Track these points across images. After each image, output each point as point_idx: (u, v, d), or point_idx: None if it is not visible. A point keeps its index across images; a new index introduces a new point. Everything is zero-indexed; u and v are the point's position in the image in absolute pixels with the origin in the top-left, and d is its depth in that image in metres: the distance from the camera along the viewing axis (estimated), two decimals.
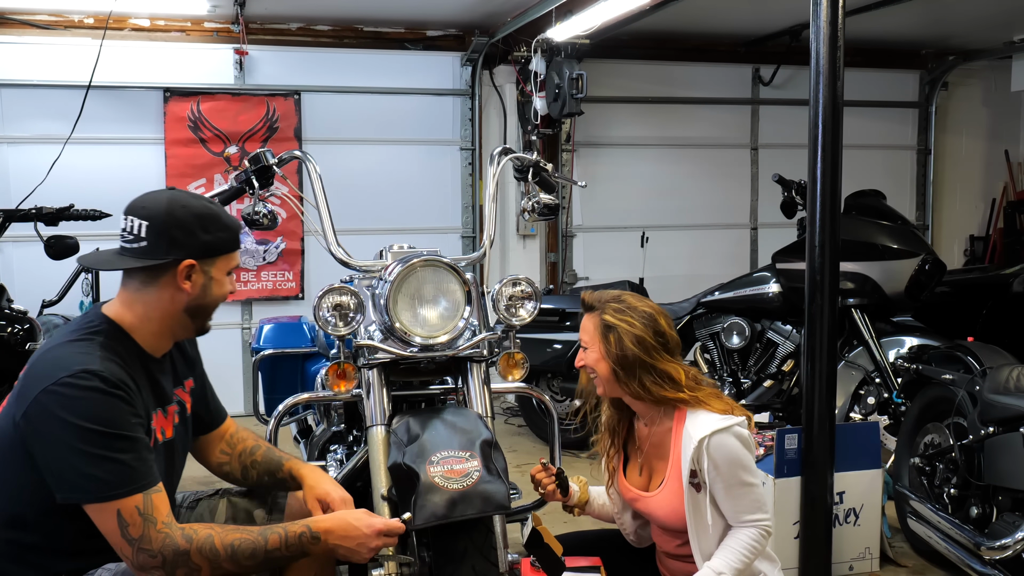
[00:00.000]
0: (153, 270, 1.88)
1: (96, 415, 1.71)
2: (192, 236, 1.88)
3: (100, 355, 1.78)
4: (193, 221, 1.88)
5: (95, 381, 1.72)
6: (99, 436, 1.70)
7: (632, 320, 2.25)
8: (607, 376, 2.29)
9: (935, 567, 3.33)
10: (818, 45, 2.85)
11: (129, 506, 1.72)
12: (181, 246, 1.87)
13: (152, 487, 1.76)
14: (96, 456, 1.70)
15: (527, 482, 2.50)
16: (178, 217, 1.87)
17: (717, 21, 6.34)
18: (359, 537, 1.86)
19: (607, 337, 2.25)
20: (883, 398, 4.19)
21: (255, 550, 1.79)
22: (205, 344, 2.18)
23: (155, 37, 5.84)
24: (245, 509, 2.17)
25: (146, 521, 1.73)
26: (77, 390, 1.70)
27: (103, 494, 1.71)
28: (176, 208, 1.88)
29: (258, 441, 2.26)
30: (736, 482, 2.20)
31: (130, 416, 1.76)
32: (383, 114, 6.24)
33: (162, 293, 1.89)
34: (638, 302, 2.31)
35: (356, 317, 2.30)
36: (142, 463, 1.75)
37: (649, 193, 6.88)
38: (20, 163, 5.54)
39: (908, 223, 4.56)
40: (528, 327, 2.53)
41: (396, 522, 1.91)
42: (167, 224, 1.86)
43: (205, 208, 1.92)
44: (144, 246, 1.87)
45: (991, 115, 7.81)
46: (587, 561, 2.45)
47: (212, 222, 1.91)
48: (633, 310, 2.27)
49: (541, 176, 2.85)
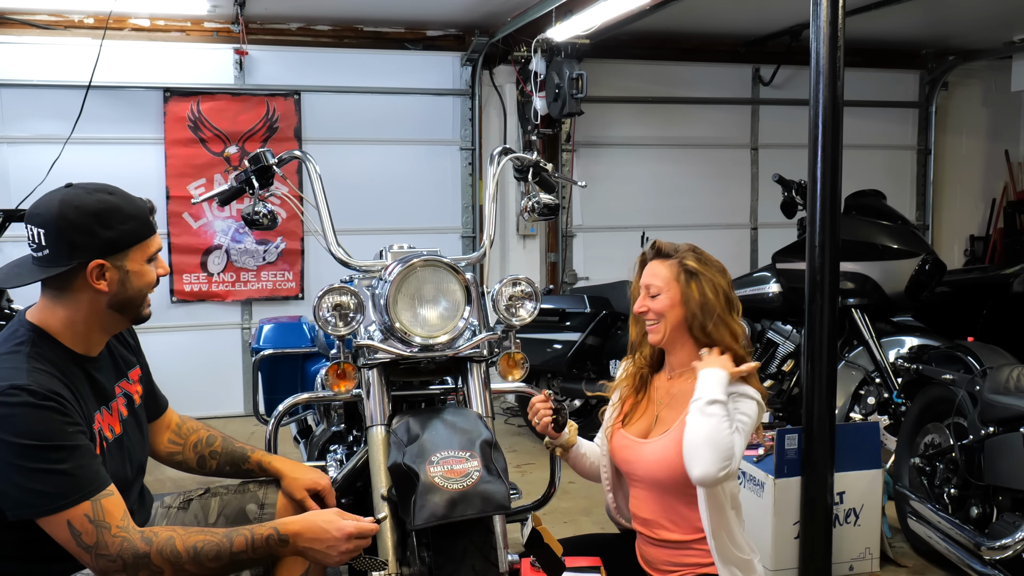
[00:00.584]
0: (63, 277, 1.81)
1: (28, 430, 1.67)
2: (92, 236, 1.79)
3: (27, 368, 1.73)
4: (89, 220, 1.78)
5: (23, 396, 1.68)
6: (35, 450, 1.67)
7: (713, 271, 2.33)
8: (678, 322, 2.32)
9: (935, 567, 3.33)
10: (818, 45, 2.85)
11: (78, 515, 1.69)
12: (83, 248, 1.79)
13: (99, 492, 1.72)
14: (35, 470, 1.67)
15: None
16: (71, 219, 1.78)
17: (717, 21, 6.34)
18: (329, 540, 1.83)
19: (689, 283, 2.31)
20: (883, 398, 4.19)
21: (219, 552, 1.76)
22: (205, 344, 2.18)
23: (155, 37, 5.84)
24: (237, 506, 2.16)
25: (99, 527, 1.70)
26: (6, 407, 1.67)
27: (48, 506, 1.68)
28: (68, 210, 1.78)
29: (212, 431, 2.26)
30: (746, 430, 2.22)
31: (65, 426, 1.72)
32: (383, 114, 6.24)
33: (80, 296, 1.83)
34: (709, 256, 2.39)
35: (356, 317, 2.30)
36: (84, 470, 1.72)
37: (649, 193, 6.89)
38: (20, 163, 5.54)
39: (908, 223, 4.56)
40: (528, 327, 2.53)
41: (368, 523, 1.89)
42: (61, 229, 1.77)
43: (101, 203, 1.81)
44: (48, 254, 1.80)
45: (991, 115, 7.81)
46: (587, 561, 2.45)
47: (111, 216, 1.81)
48: (711, 263, 2.36)
49: (541, 176, 2.85)
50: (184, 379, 5.48)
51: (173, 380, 2.28)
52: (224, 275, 5.98)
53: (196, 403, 5.74)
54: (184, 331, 5.78)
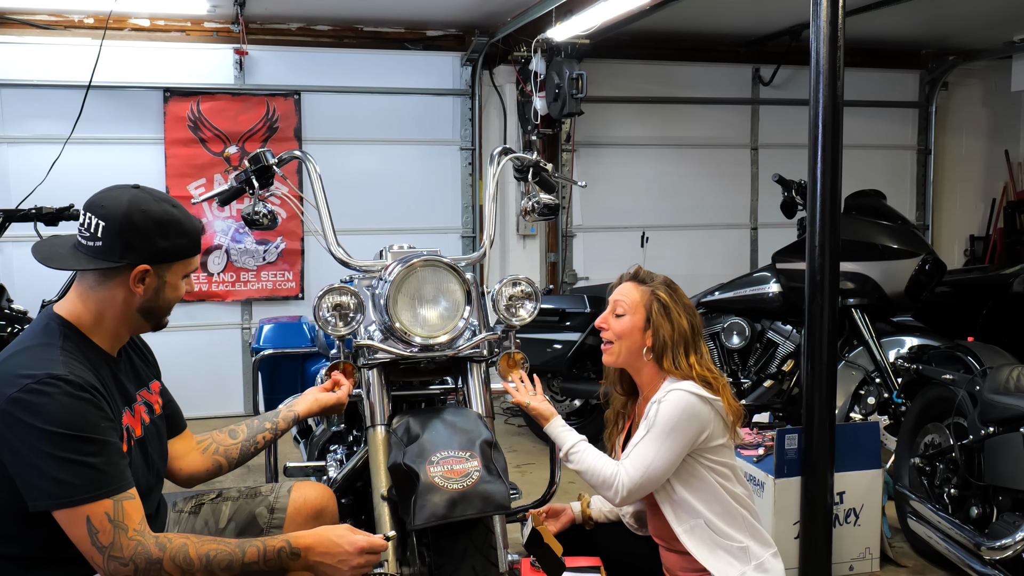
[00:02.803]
0: (105, 272, 1.84)
1: (64, 419, 1.68)
2: (149, 242, 1.83)
3: (63, 359, 1.75)
4: (152, 227, 1.83)
5: (62, 386, 1.69)
6: (68, 440, 1.68)
7: (681, 309, 2.40)
8: (634, 348, 2.42)
9: (935, 567, 3.33)
10: (818, 45, 2.85)
11: (99, 512, 1.69)
12: (137, 251, 1.82)
13: (123, 492, 1.73)
14: (65, 460, 1.67)
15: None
16: (136, 222, 1.82)
17: (717, 21, 6.34)
18: (340, 554, 1.83)
19: (657, 313, 2.38)
20: (883, 398, 4.19)
21: (231, 562, 1.77)
22: (205, 344, 2.19)
23: (155, 37, 5.84)
24: (248, 511, 2.17)
25: (116, 528, 1.70)
26: (43, 396, 1.68)
27: (72, 498, 1.68)
28: (135, 212, 1.82)
29: (226, 430, 2.26)
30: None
31: (99, 419, 1.73)
32: (383, 114, 6.24)
33: (115, 293, 1.85)
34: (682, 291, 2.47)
35: (356, 317, 2.30)
36: (113, 467, 1.73)
37: (649, 193, 6.88)
38: (20, 163, 5.54)
39: (908, 223, 4.56)
40: (528, 327, 2.54)
41: (379, 539, 1.89)
42: (124, 228, 1.81)
43: (166, 213, 1.86)
44: (99, 246, 1.82)
45: (991, 115, 7.81)
46: (587, 561, 2.46)
47: (172, 228, 1.86)
48: (681, 299, 2.43)
49: (541, 176, 2.85)
50: (184, 379, 5.45)
51: (173, 380, 2.27)
52: (224, 275, 5.98)
53: (196, 403, 5.74)
54: (184, 331, 5.77)
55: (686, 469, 2.33)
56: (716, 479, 2.34)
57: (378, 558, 1.90)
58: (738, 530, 2.33)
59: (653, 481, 2.31)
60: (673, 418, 2.28)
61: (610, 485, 2.31)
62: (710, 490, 2.33)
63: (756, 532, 2.37)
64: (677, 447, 2.28)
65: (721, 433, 2.34)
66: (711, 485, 2.33)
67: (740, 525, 2.34)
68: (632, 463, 2.30)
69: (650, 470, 2.28)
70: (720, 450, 2.35)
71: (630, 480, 2.29)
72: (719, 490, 2.33)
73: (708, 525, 2.31)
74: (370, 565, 1.88)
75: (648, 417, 2.33)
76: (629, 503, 2.40)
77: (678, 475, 2.33)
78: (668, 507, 2.34)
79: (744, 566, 2.30)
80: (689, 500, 2.31)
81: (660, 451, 2.28)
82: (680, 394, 2.30)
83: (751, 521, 2.37)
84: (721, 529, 2.31)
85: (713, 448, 2.34)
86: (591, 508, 2.66)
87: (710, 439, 2.32)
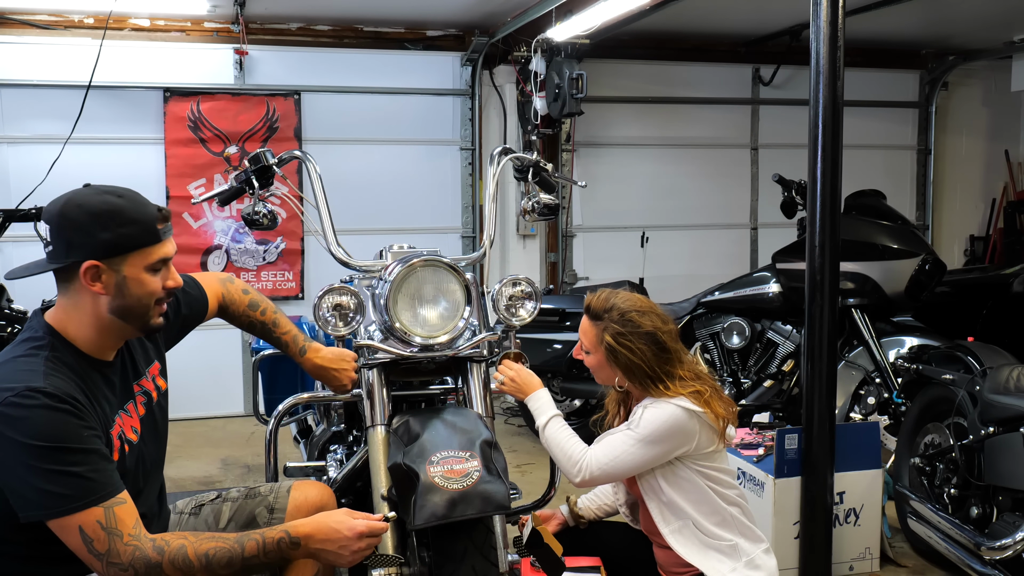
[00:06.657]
0: (64, 274, 1.81)
1: (44, 431, 1.67)
2: (89, 236, 1.77)
3: (44, 371, 1.73)
4: (87, 220, 1.77)
5: (40, 398, 1.68)
6: (50, 451, 1.67)
7: (638, 336, 2.34)
8: (608, 378, 2.46)
9: (935, 567, 3.33)
10: (818, 45, 2.85)
11: (90, 520, 1.68)
12: (78, 247, 1.77)
13: (113, 498, 1.71)
14: (49, 471, 1.67)
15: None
16: (72, 217, 1.77)
17: (717, 21, 6.34)
18: (341, 540, 1.82)
19: (613, 351, 2.37)
20: (883, 398, 4.20)
21: (231, 558, 1.76)
22: (205, 344, 2.18)
23: (155, 37, 5.83)
24: (248, 511, 2.17)
25: (111, 535, 1.69)
26: (23, 409, 1.67)
27: (60, 508, 1.67)
28: (70, 208, 1.78)
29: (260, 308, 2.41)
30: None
31: (80, 429, 1.71)
32: (383, 114, 6.24)
33: (81, 297, 1.82)
34: (640, 316, 2.37)
35: (356, 317, 2.30)
36: (99, 474, 1.71)
37: (649, 193, 6.89)
38: (20, 163, 5.54)
39: (908, 223, 4.56)
40: (528, 327, 2.54)
41: (379, 522, 1.88)
42: (61, 226, 1.78)
43: (104, 204, 1.79)
44: (51, 250, 1.80)
45: (991, 115, 7.81)
46: (587, 561, 2.46)
47: (111, 218, 1.78)
48: (636, 321, 2.35)
49: (541, 176, 2.85)
50: (184, 379, 5.42)
51: (173, 380, 2.27)
52: None
53: (196, 403, 5.76)
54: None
55: (676, 472, 2.32)
56: (706, 483, 2.33)
57: (379, 540, 1.89)
58: (727, 529, 2.33)
59: (617, 474, 2.35)
60: (654, 428, 2.27)
61: (575, 463, 2.33)
62: (699, 492, 2.32)
63: (746, 529, 2.36)
64: (649, 455, 2.29)
65: (709, 441, 2.33)
66: (700, 488, 2.32)
67: (729, 524, 2.34)
68: (602, 449, 2.33)
69: (617, 462, 2.31)
70: (711, 455, 2.35)
71: (597, 464, 2.31)
72: (708, 492, 2.33)
73: (696, 526, 2.31)
74: (371, 548, 1.87)
75: (633, 418, 2.33)
76: (588, 486, 2.44)
77: (667, 478, 2.32)
78: (656, 508, 2.34)
79: (735, 563, 2.30)
80: (677, 502, 2.31)
81: (631, 451, 2.29)
82: (667, 406, 2.29)
83: (740, 519, 2.37)
84: (709, 530, 2.31)
85: (704, 455, 2.33)
86: (580, 507, 2.66)
87: (699, 448, 2.31)
